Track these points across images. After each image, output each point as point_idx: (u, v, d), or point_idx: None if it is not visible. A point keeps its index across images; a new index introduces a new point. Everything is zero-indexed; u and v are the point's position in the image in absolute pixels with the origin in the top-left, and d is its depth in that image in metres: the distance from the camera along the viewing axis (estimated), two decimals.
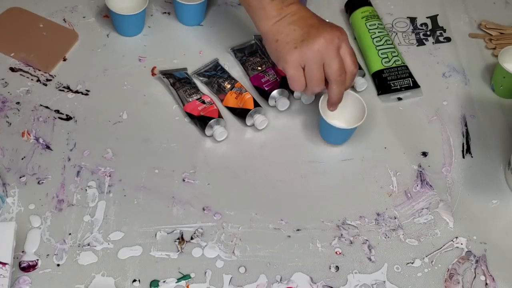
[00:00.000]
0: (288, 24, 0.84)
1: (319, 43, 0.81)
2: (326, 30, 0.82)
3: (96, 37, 1.02)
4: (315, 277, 0.78)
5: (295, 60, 0.83)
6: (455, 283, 0.78)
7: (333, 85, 0.84)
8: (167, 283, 0.76)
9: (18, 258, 0.77)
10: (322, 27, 0.83)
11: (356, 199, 0.85)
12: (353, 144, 0.91)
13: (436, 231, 0.83)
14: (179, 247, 0.79)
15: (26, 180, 0.84)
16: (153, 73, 0.98)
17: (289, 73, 0.84)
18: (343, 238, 0.81)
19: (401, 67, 0.99)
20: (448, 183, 0.87)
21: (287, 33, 0.83)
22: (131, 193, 0.84)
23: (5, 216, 0.80)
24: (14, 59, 0.98)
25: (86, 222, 0.81)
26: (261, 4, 0.85)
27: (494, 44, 1.05)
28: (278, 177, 0.87)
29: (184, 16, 1.04)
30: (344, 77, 0.84)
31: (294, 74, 0.84)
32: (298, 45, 0.82)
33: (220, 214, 0.83)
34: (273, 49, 0.85)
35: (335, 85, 0.84)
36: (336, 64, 0.82)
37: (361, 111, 0.88)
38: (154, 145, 0.89)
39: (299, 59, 0.83)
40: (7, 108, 0.92)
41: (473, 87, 1.00)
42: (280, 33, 0.84)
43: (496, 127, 0.94)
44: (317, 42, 0.81)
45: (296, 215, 0.83)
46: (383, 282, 0.77)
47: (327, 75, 0.84)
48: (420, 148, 0.91)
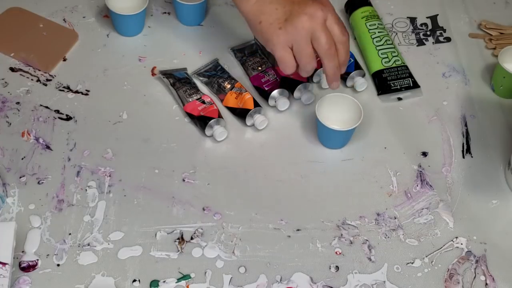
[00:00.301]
0: (270, 3, 0.81)
1: (303, 20, 0.79)
2: (308, 4, 0.80)
3: (96, 37, 1.02)
4: (315, 277, 0.78)
5: (282, 41, 0.81)
6: (455, 283, 0.78)
7: (324, 60, 0.81)
8: (167, 283, 0.76)
9: (18, 258, 0.77)
10: (304, 2, 0.80)
11: (356, 199, 0.85)
12: (353, 144, 0.91)
13: (436, 231, 0.83)
14: (179, 247, 0.79)
15: (26, 180, 0.84)
16: (153, 73, 0.98)
17: (277, 55, 0.82)
18: (343, 238, 0.81)
19: (401, 67, 0.99)
20: (448, 183, 0.87)
21: (270, 13, 0.81)
22: (131, 193, 0.84)
23: (5, 216, 0.80)
24: (14, 59, 0.98)
25: (86, 222, 0.81)
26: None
27: (494, 44, 1.05)
28: (278, 177, 0.87)
29: (184, 16, 1.04)
30: (334, 50, 0.81)
31: (282, 55, 0.82)
32: (282, 25, 0.80)
33: (220, 214, 0.83)
34: (258, 31, 0.83)
35: (326, 60, 0.81)
36: (323, 38, 0.79)
37: (357, 113, 0.88)
38: (154, 145, 0.89)
39: (285, 40, 0.81)
40: (7, 108, 0.92)
41: (473, 87, 1.00)
42: (262, 14, 0.81)
43: (496, 127, 0.94)
44: (301, 20, 0.79)
45: (296, 215, 0.83)
46: (383, 282, 0.77)
47: (317, 51, 0.81)
48: (420, 148, 0.91)
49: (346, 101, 0.90)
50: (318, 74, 0.97)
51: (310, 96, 0.95)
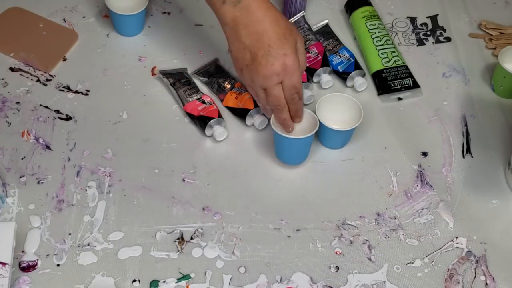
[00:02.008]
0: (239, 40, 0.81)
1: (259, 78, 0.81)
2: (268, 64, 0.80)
3: (96, 37, 1.02)
4: (315, 277, 0.78)
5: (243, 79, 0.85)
6: (455, 283, 0.78)
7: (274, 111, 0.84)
8: (167, 283, 0.76)
9: (18, 258, 0.76)
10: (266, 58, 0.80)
11: (356, 199, 0.85)
12: (353, 144, 0.91)
13: (436, 231, 0.82)
14: (179, 247, 0.79)
15: (26, 180, 0.84)
16: (153, 73, 0.98)
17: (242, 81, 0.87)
18: (343, 238, 0.81)
19: (401, 67, 0.99)
20: (448, 183, 0.87)
21: (238, 50, 0.82)
22: (131, 193, 0.84)
23: (5, 216, 0.80)
24: (14, 59, 0.98)
25: (86, 222, 0.80)
26: (215, 7, 0.82)
27: (494, 44, 1.05)
28: (278, 177, 0.87)
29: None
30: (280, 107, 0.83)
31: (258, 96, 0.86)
32: (244, 68, 0.83)
33: (220, 214, 0.83)
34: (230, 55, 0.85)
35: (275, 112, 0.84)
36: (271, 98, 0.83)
37: (357, 113, 0.88)
38: (154, 145, 0.89)
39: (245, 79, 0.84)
40: (7, 108, 0.92)
41: (473, 87, 1.00)
42: (233, 46, 0.83)
43: (496, 127, 0.94)
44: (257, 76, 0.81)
45: (296, 215, 0.83)
46: (383, 282, 0.77)
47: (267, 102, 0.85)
48: (420, 148, 0.91)
49: (346, 101, 0.90)
50: (318, 74, 0.97)
51: (310, 96, 0.95)
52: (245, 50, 0.81)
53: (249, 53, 0.81)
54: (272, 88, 0.81)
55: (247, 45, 0.81)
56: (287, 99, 0.83)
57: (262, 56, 0.80)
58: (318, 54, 0.98)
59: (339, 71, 0.98)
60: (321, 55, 0.98)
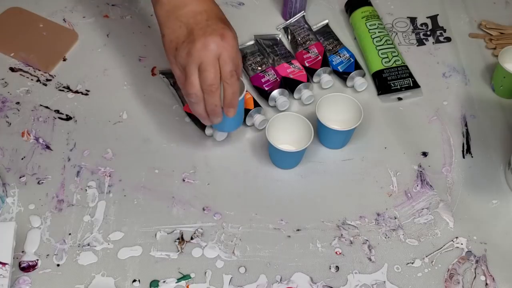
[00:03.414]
0: (177, 18, 0.78)
1: (196, 48, 0.75)
2: (207, 33, 0.75)
3: (96, 37, 1.02)
4: (315, 277, 0.78)
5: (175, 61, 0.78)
6: (455, 283, 0.78)
7: (205, 94, 0.77)
8: (167, 283, 0.76)
9: (18, 258, 0.76)
10: (205, 29, 0.76)
11: (356, 199, 0.85)
12: (353, 144, 0.91)
13: (436, 231, 0.82)
14: (179, 247, 0.79)
15: (26, 180, 0.84)
16: (153, 73, 0.98)
17: (173, 71, 0.80)
18: (343, 238, 0.81)
19: (401, 67, 0.99)
20: (448, 183, 0.87)
21: (173, 29, 0.78)
22: (131, 193, 0.84)
23: (5, 216, 0.80)
24: (14, 59, 0.98)
25: (86, 222, 0.81)
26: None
27: (494, 44, 1.05)
28: (278, 177, 0.87)
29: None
30: (216, 87, 0.76)
31: (176, 73, 0.79)
32: (179, 46, 0.77)
33: (220, 214, 0.83)
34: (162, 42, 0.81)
35: (206, 95, 0.77)
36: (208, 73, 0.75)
37: (357, 113, 0.88)
38: (154, 145, 0.89)
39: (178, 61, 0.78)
40: (7, 108, 0.92)
41: (473, 87, 1.00)
42: (167, 27, 0.78)
43: (496, 127, 0.94)
44: (195, 47, 0.75)
45: (296, 215, 0.83)
46: (383, 282, 0.77)
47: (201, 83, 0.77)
48: (420, 148, 0.91)
49: (346, 101, 0.90)
50: (318, 74, 0.97)
51: (310, 96, 0.95)
52: (181, 28, 0.77)
53: (186, 29, 0.77)
54: (207, 62, 0.75)
55: (184, 23, 0.77)
56: (224, 77, 0.76)
57: (200, 29, 0.76)
58: (318, 54, 0.98)
59: (339, 71, 0.98)
60: (321, 55, 0.98)
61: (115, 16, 1.06)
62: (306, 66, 0.97)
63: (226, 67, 0.76)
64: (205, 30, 0.76)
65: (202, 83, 0.76)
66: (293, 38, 1.02)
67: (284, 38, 1.04)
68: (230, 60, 0.76)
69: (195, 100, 0.77)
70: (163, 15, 0.79)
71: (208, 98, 0.77)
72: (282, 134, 0.87)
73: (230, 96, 0.77)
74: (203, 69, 0.75)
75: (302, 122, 0.86)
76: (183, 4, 0.78)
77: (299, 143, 0.86)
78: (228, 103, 0.78)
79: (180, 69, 0.78)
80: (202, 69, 0.75)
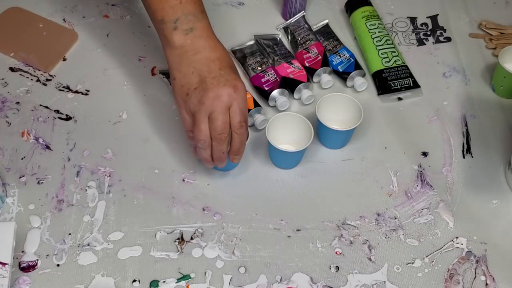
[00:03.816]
0: (189, 64, 0.79)
1: (208, 97, 0.76)
2: (221, 83, 0.77)
3: (96, 37, 1.02)
4: (315, 277, 0.77)
5: (185, 107, 0.79)
6: (455, 283, 0.78)
7: (213, 142, 0.79)
8: (167, 283, 0.76)
9: (18, 258, 0.76)
10: (218, 79, 0.77)
11: (356, 199, 0.85)
12: (353, 144, 0.91)
13: (436, 231, 0.82)
14: (179, 247, 0.79)
15: (26, 180, 0.84)
16: (153, 73, 0.98)
17: (180, 115, 0.81)
18: (343, 238, 0.81)
19: (401, 67, 0.99)
20: (448, 183, 0.87)
21: (184, 74, 0.79)
22: (131, 193, 0.84)
23: (5, 216, 0.80)
24: (14, 59, 0.98)
25: (86, 222, 0.80)
26: (164, 31, 0.79)
27: (494, 44, 1.05)
28: (278, 177, 0.87)
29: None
30: (225, 136, 0.78)
31: (183, 118, 0.80)
32: (190, 92, 0.78)
33: (220, 214, 0.83)
34: (171, 85, 0.81)
35: (214, 142, 0.78)
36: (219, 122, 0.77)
37: (357, 113, 0.88)
38: (154, 145, 0.89)
39: (188, 107, 0.79)
40: (7, 108, 0.92)
41: (473, 87, 1.00)
42: (178, 71, 0.79)
43: (496, 127, 0.94)
44: (207, 96, 0.76)
45: (296, 215, 0.83)
46: (383, 282, 0.77)
47: (210, 131, 0.78)
48: (420, 148, 0.91)
49: (346, 101, 0.90)
50: (318, 74, 0.97)
51: (310, 96, 0.95)
52: (193, 74, 0.78)
53: (198, 77, 0.78)
54: (219, 112, 0.76)
55: (196, 69, 0.78)
56: (234, 127, 0.78)
57: (213, 78, 0.77)
58: (318, 54, 0.98)
59: (339, 71, 0.98)
60: (321, 55, 0.98)
61: (115, 16, 1.06)
62: (306, 66, 0.97)
63: (236, 118, 0.78)
64: (219, 79, 0.77)
65: (212, 131, 0.78)
66: (293, 38, 1.02)
67: (284, 38, 1.04)
68: (240, 111, 0.78)
69: (203, 146, 0.79)
70: (175, 59, 0.80)
71: (216, 145, 0.79)
72: (282, 134, 0.87)
73: (238, 145, 0.80)
74: (214, 118, 0.77)
75: (302, 122, 0.86)
76: (196, 51, 0.79)
77: (299, 143, 0.86)
78: (235, 151, 0.80)
79: (188, 113, 0.79)
80: (213, 118, 0.77)
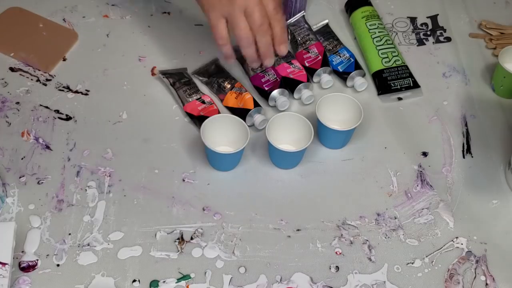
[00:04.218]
0: None
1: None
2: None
3: (96, 37, 1.02)
4: (315, 277, 0.77)
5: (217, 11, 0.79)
6: (455, 283, 0.78)
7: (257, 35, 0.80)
8: (167, 283, 0.76)
9: (18, 258, 0.76)
10: None
11: (356, 199, 0.85)
12: (353, 144, 0.91)
13: (436, 231, 0.82)
14: (179, 247, 0.79)
15: (26, 180, 0.84)
16: (153, 73, 0.98)
17: (210, 24, 0.81)
18: (343, 238, 0.81)
19: (401, 67, 0.99)
20: (448, 183, 0.87)
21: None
22: (131, 193, 0.84)
23: (5, 216, 0.80)
24: (14, 59, 0.98)
25: (86, 222, 0.80)
26: None
27: (495, 44, 1.05)
28: (278, 177, 0.87)
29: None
30: (266, 26, 0.79)
31: (215, 25, 0.80)
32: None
33: (220, 214, 0.83)
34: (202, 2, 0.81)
35: (258, 36, 0.80)
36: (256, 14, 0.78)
37: (357, 113, 0.88)
38: (154, 145, 0.89)
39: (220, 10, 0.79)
40: (7, 108, 0.92)
41: (473, 87, 1.00)
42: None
43: (496, 127, 0.94)
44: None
45: (296, 215, 0.83)
46: (383, 282, 0.77)
47: (250, 26, 0.79)
48: (420, 148, 0.91)
49: (346, 101, 0.90)
50: (318, 74, 0.97)
51: (310, 96, 0.95)
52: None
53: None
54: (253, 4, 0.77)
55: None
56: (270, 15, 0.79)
57: None
58: (318, 54, 0.98)
59: (339, 71, 0.98)
60: (321, 55, 0.98)
61: (115, 16, 1.06)
62: (306, 66, 0.97)
63: (270, 5, 0.78)
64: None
65: (253, 25, 0.78)
66: (293, 38, 1.02)
67: None
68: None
69: (247, 43, 0.79)
70: None
71: (261, 38, 0.79)
72: (282, 134, 0.87)
73: (279, 32, 0.80)
74: (250, 12, 0.77)
75: (302, 122, 0.86)
76: None
77: (299, 143, 0.86)
78: (279, 40, 0.80)
79: (219, 18, 0.79)
80: (249, 12, 0.77)
